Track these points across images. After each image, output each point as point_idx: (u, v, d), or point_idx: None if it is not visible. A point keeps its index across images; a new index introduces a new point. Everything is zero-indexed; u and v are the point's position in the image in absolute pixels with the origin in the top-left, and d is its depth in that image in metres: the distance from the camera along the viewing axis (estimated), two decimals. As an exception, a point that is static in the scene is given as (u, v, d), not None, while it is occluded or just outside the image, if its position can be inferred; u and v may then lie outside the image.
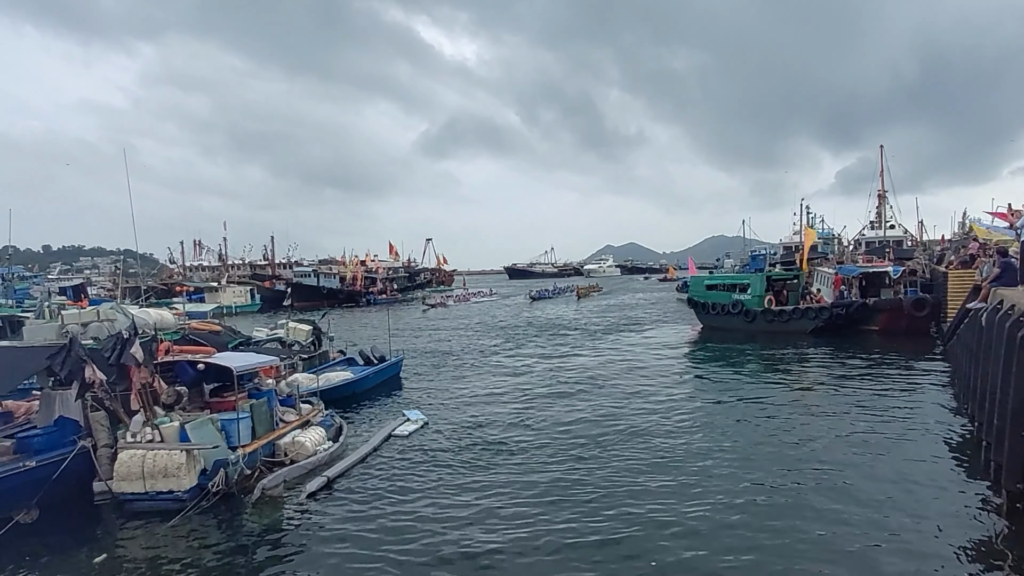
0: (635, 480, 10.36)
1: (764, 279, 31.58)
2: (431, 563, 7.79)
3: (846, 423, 13.43)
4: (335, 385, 17.00)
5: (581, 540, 8.21)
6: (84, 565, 8.10)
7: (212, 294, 59.94)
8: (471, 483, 10.57)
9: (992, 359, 9.76)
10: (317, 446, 11.79)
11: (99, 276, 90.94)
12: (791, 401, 15.93)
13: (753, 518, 8.65)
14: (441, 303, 62.29)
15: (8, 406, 11.71)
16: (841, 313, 27.62)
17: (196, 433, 10.16)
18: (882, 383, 17.54)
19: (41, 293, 33.37)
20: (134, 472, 9.54)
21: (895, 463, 10.73)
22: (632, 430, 13.40)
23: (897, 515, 8.62)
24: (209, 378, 12.07)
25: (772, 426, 13.48)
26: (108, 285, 62.36)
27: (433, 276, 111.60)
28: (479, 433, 13.71)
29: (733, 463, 11.07)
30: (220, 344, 16.95)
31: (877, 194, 47.84)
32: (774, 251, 54.91)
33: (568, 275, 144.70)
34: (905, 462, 10.78)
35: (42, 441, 9.88)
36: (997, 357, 9.25)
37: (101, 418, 10.18)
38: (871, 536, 7.99)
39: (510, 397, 17.49)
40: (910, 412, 14.20)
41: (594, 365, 22.48)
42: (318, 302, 62.71)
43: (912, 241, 48.23)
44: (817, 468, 10.61)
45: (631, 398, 16.59)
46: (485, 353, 27.26)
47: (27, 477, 9.18)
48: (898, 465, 10.62)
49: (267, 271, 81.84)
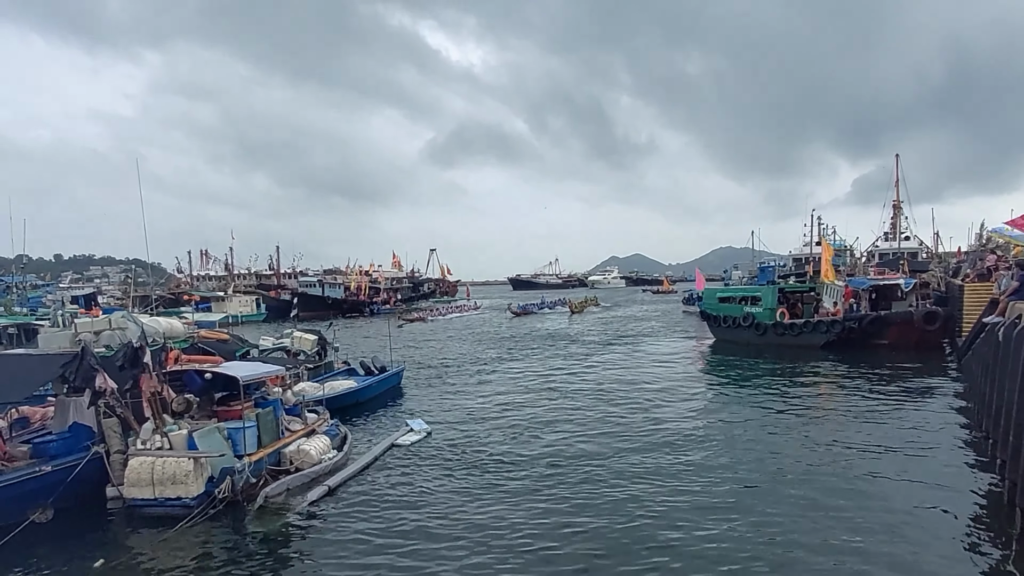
0: (640, 495, 10.19)
1: (776, 291, 31.38)
2: (426, 572, 7.76)
3: (855, 440, 13.20)
4: (339, 394, 17.04)
5: (585, 556, 8.09)
6: (91, 567, 8.11)
7: (219, 303, 60.35)
8: (471, 495, 10.49)
9: (1009, 375, 9.63)
10: (322, 455, 11.79)
11: (109, 285, 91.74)
12: (797, 417, 15.69)
13: (763, 547, 8.40)
14: (419, 318, 56.81)
15: (24, 412, 11.88)
16: (853, 327, 27.44)
17: (203, 441, 10.22)
18: (893, 398, 17.35)
19: (54, 302, 33.63)
20: (144, 478, 9.63)
21: (906, 481, 10.55)
22: (637, 445, 13.22)
23: (909, 531, 8.49)
24: (217, 387, 12.12)
25: (777, 443, 13.27)
26: (117, 294, 62.76)
27: (437, 287, 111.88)
28: (481, 444, 13.65)
29: (736, 483, 10.85)
30: (228, 353, 17.05)
31: (892, 204, 47.47)
32: (783, 263, 54.59)
33: (573, 286, 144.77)
34: (916, 480, 10.61)
35: (57, 446, 10.06)
36: (1014, 373, 9.13)
37: (114, 425, 10.29)
38: (879, 558, 7.80)
39: (514, 408, 17.42)
40: (922, 428, 14.01)
41: (597, 379, 22.29)
42: (323, 312, 62.91)
43: (927, 253, 47.72)
44: (823, 489, 10.28)
45: (636, 413, 16.40)
46: (486, 363, 27.25)
47: (43, 481, 9.36)
48: (909, 483, 10.45)
49: (273, 281, 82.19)
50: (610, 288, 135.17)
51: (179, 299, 57.11)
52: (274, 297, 70.36)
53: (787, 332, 29.35)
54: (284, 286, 77.19)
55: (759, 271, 53.81)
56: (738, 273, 65.12)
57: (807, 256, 46.74)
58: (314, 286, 76.25)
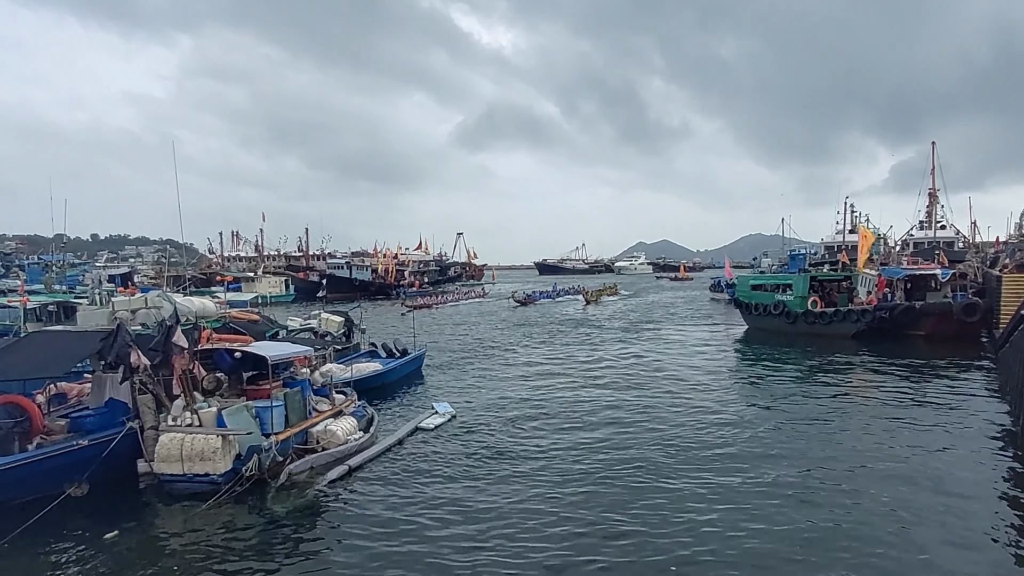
0: (667, 486, 10.04)
1: (807, 279, 30.84)
2: (444, 555, 7.84)
3: (886, 433, 12.93)
4: (365, 376, 17.25)
5: (612, 550, 7.97)
6: (128, 542, 8.39)
7: (248, 284, 61.28)
8: (490, 480, 10.50)
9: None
10: (348, 435, 11.94)
11: (143, 264, 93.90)
12: (824, 410, 15.27)
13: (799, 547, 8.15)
14: (424, 305, 51.72)
15: (61, 388, 12.25)
16: (884, 316, 26.82)
17: (232, 419, 10.39)
18: (928, 392, 16.97)
19: (92, 280, 34.60)
20: (173, 454, 9.83)
21: (941, 477, 10.28)
22: (665, 437, 12.86)
23: (943, 534, 8.30)
24: (246, 366, 12.33)
25: (804, 438, 12.91)
26: (151, 273, 64.25)
27: (463, 270, 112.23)
28: (504, 430, 13.63)
29: (769, 478, 10.72)
30: (258, 333, 17.33)
31: (928, 193, 46.26)
32: (814, 251, 53.56)
33: (599, 272, 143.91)
34: (952, 475, 10.35)
35: (94, 421, 10.38)
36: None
37: (148, 401, 10.52)
38: (912, 558, 7.63)
39: (539, 393, 17.40)
40: (958, 423, 13.66)
41: (623, 366, 22.11)
42: (350, 294, 63.61)
43: (964, 243, 46.48)
44: (856, 488, 9.95)
45: (663, 402, 16.18)
46: (506, 348, 27.31)
47: (80, 455, 9.64)
48: (945, 479, 10.17)
49: (301, 262, 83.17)
50: (636, 274, 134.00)
51: (211, 279, 58.19)
52: (303, 279, 71.24)
53: (817, 321, 28.85)
54: (312, 268, 78.07)
55: (789, 259, 52.86)
56: (767, 260, 64.04)
57: (839, 244, 45.79)
58: (342, 268, 77.10)
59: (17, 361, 10.70)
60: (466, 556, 7.79)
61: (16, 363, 10.64)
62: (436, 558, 7.77)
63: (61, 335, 12.56)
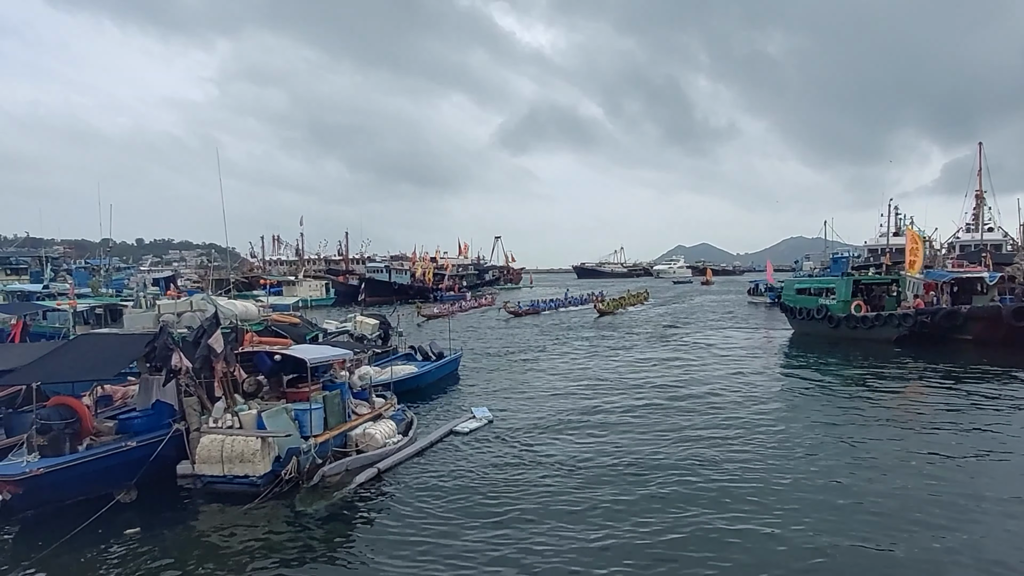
0: (715, 504, 9.56)
1: (850, 283, 30.12)
2: (471, 561, 7.86)
3: (930, 442, 12.49)
4: (401, 378, 17.38)
5: (643, 560, 7.86)
6: (169, 542, 8.63)
7: (289, 288, 62.51)
8: (524, 486, 10.43)
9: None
10: (387, 439, 12.06)
11: (186, 268, 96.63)
12: (865, 419, 14.70)
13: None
14: (439, 314, 44.95)
15: (107, 390, 12.61)
16: (926, 321, 25.89)
17: (271, 421, 10.57)
18: (975, 399, 16.27)
19: (138, 284, 35.77)
20: (214, 456, 10.04)
21: (987, 492, 9.81)
22: (709, 450, 12.25)
23: (996, 542, 8.01)
24: (286, 369, 12.54)
25: (843, 448, 12.43)
26: (194, 277, 66.01)
27: (501, 273, 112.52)
28: (541, 438, 13.42)
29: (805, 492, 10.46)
30: (298, 336, 17.62)
31: (975, 194, 44.65)
32: (857, 254, 52.10)
33: (637, 275, 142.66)
34: (998, 482, 9.98)
35: (141, 423, 10.63)
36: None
37: (194, 403, 10.77)
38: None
39: (576, 399, 17.24)
40: (1003, 433, 13.11)
41: (666, 374, 21.46)
42: (389, 297, 64.33)
43: (1012, 245, 44.73)
44: (913, 499, 9.59)
45: (707, 411, 15.56)
46: (544, 351, 27.21)
47: (129, 456, 9.87)
48: (991, 495, 9.69)
49: (341, 266, 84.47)
50: (673, 278, 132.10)
51: (253, 283, 59.53)
52: (342, 282, 72.28)
53: (859, 325, 28.02)
54: (352, 271, 79.21)
55: (832, 262, 51.50)
56: (809, 264, 62.52)
57: (883, 247, 44.43)
58: (381, 272, 78.13)
59: (68, 363, 10.83)
60: (497, 566, 7.76)
61: (67, 365, 10.76)
62: (456, 565, 7.78)
63: (109, 338, 12.94)
